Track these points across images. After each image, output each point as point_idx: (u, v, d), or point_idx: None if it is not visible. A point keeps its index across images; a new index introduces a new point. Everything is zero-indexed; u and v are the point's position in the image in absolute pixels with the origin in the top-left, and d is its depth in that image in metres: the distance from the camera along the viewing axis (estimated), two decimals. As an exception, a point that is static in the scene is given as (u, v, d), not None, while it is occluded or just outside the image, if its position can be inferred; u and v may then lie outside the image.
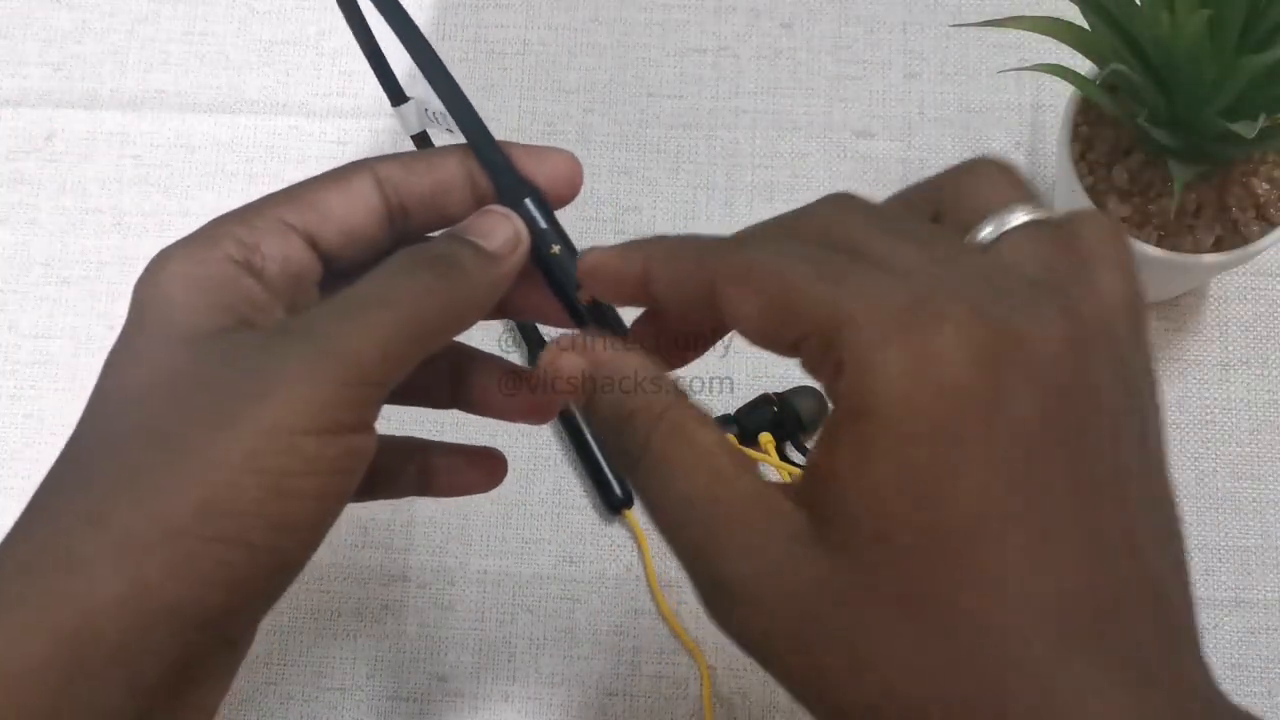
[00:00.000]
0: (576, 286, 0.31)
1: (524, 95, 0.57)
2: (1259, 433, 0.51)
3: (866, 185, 0.55)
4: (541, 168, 0.32)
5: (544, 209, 0.32)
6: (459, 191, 0.32)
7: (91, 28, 0.59)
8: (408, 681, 0.50)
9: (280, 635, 0.51)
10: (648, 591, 0.50)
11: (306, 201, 0.31)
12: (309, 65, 0.58)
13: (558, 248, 0.32)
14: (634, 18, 0.58)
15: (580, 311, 0.31)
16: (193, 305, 0.29)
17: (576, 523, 0.52)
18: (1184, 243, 0.45)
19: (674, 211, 0.55)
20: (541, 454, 0.52)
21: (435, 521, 0.52)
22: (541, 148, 0.33)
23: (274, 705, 0.50)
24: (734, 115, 0.56)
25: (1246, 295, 0.52)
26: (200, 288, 0.29)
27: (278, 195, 0.31)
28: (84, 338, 0.55)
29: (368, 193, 0.32)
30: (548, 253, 0.32)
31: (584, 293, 0.31)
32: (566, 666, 0.50)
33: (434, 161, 0.32)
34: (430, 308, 0.29)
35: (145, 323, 0.29)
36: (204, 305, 0.29)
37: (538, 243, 0.32)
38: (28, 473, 0.53)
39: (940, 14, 0.57)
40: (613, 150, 0.56)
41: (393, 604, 0.51)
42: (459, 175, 0.32)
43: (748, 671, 0.49)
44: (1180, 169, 0.42)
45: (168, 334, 0.29)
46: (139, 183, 0.57)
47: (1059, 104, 0.49)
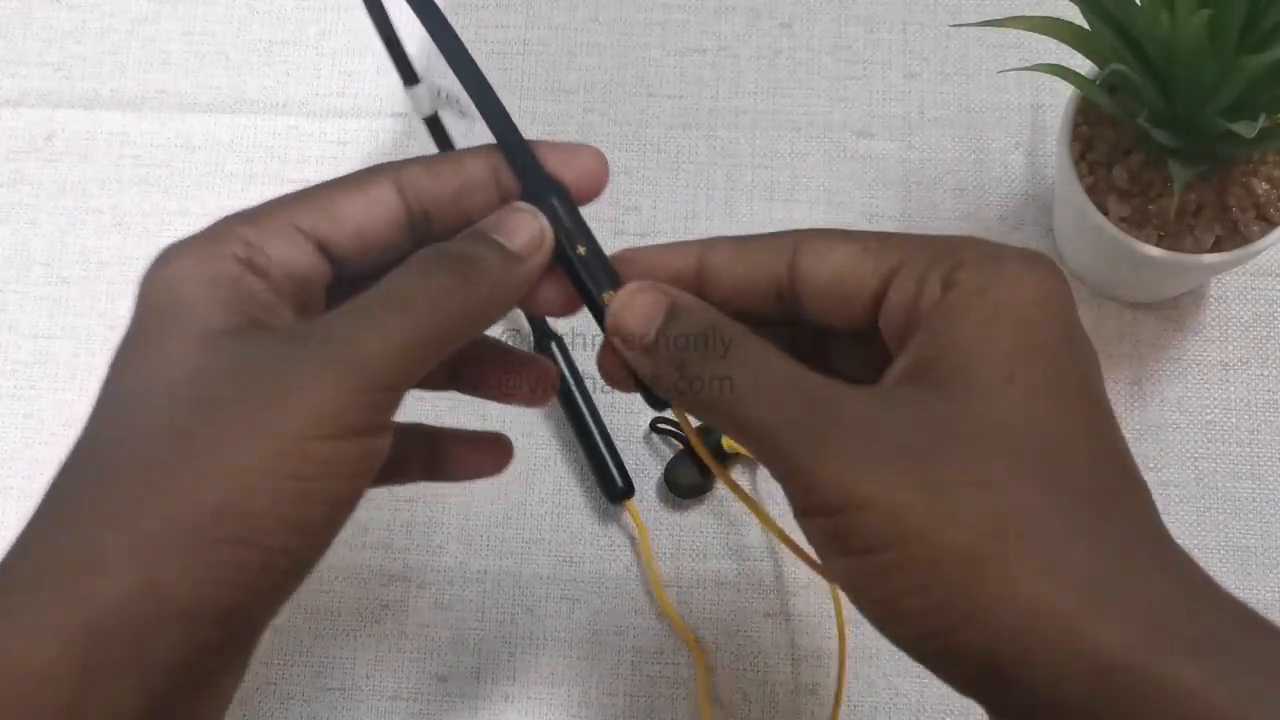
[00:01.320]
0: (603, 286, 0.31)
1: (524, 95, 0.57)
2: (1259, 433, 0.51)
3: (866, 185, 0.55)
4: (570, 165, 0.32)
5: (570, 207, 0.32)
6: (484, 193, 0.32)
7: (91, 28, 0.59)
8: (408, 681, 0.50)
9: (280, 635, 0.51)
10: (648, 592, 0.50)
11: (320, 205, 0.31)
12: (309, 65, 0.58)
13: (584, 248, 0.31)
14: (634, 18, 0.58)
15: (604, 310, 0.31)
16: (204, 303, 0.29)
17: (576, 523, 0.52)
18: (1184, 243, 0.45)
19: (674, 211, 0.55)
20: (541, 454, 0.52)
21: (435, 521, 0.52)
22: (569, 145, 0.32)
23: (274, 705, 0.50)
24: (734, 115, 0.56)
25: (1246, 295, 0.52)
26: (209, 285, 0.29)
27: (291, 197, 0.31)
28: (84, 338, 0.55)
29: (387, 199, 0.31)
30: (573, 252, 0.31)
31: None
32: (566, 666, 0.50)
33: (460, 163, 0.32)
34: (449, 310, 0.29)
35: (157, 320, 0.29)
36: (215, 303, 0.29)
37: (563, 241, 0.31)
38: (28, 473, 0.53)
39: (940, 14, 0.57)
40: (613, 150, 0.56)
41: (393, 604, 0.51)
42: (484, 176, 0.32)
43: (748, 672, 0.49)
44: (1180, 169, 0.42)
45: (182, 332, 0.29)
46: (139, 183, 0.57)
47: (1059, 104, 0.49)
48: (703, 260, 0.31)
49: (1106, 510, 0.27)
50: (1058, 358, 0.28)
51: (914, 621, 0.26)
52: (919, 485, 0.26)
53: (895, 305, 0.30)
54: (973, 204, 0.54)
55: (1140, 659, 0.25)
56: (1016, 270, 0.28)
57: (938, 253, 0.29)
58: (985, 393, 0.27)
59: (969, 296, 0.28)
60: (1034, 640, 0.25)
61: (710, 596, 0.50)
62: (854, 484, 0.26)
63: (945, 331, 0.28)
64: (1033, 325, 0.28)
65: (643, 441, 0.52)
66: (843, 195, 0.55)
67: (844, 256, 0.30)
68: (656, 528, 0.51)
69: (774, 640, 0.49)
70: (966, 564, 0.25)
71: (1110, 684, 0.25)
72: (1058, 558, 0.26)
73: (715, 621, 0.50)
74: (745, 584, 0.50)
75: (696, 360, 0.29)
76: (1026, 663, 0.25)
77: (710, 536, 0.51)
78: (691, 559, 0.51)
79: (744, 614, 0.50)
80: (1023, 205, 0.54)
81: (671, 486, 0.51)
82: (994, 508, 0.26)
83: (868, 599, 0.27)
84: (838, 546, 0.27)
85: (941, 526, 0.26)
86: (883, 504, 0.26)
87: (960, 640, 0.26)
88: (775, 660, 0.49)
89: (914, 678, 0.49)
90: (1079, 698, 0.25)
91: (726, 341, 0.29)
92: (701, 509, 0.51)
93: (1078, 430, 0.27)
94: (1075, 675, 0.25)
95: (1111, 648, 0.25)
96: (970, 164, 0.55)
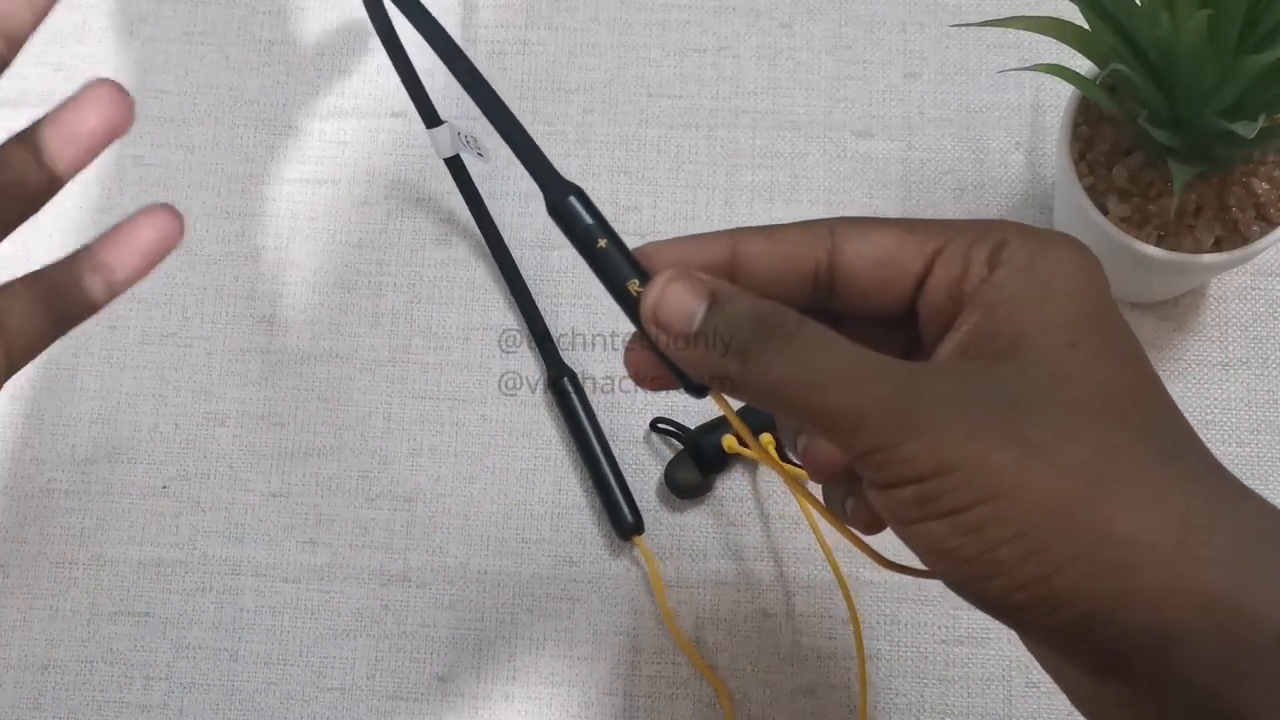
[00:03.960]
0: (628, 276, 0.31)
1: (524, 95, 0.57)
2: (1259, 433, 0.51)
3: (866, 185, 0.55)
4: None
5: (588, 204, 0.32)
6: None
7: (91, 28, 0.59)
8: (408, 681, 0.50)
9: (280, 635, 0.51)
10: (648, 592, 0.50)
11: None
12: (309, 65, 0.58)
13: (604, 241, 0.32)
14: (634, 18, 0.58)
15: (632, 302, 0.32)
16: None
17: (576, 523, 0.52)
18: (1184, 243, 0.45)
19: (674, 211, 0.55)
20: (542, 454, 0.52)
21: (435, 521, 0.52)
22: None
23: (274, 705, 0.50)
24: (734, 115, 0.56)
25: (1246, 295, 0.52)
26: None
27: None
28: (84, 337, 0.55)
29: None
30: (595, 246, 0.32)
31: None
32: (566, 666, 0.50)
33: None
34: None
35: None
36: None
37: (584, 236, 0.32)
38: (28, 473, 0.53)
39: (940, 14, 0.57)
40: (613, 150, 0.56)
41: (393, 604, 0.51)
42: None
43: (748, 672, 0.49)
44: (1180, 169, 0.42)
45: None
46: (139, 183, 0.57)
47: (1059, 104, 0.49)
48: (736, 250, 0.32)
49: (1181, 453, 0.28)
50: (1110, 325, 0.30)
51: (1012, 571, 0.27)
52: (1007, 443, 0.27)
53: (939, 284, 0.31)
54: (973, 204, 0.54)
55: (1238, 586, 0.26)
56: (1058, 248, 0.30)
57: (980, 233, 0.31)
58: (1053, 359, 0.28)
59: (1018, 273, 0.30)
60: (1135, 575, 0.26)
61: (710, 596, 0.50)
62: (946, 451, 0.27)
63: (1001, 306, 0.29)
64: (1083, 297, 0.30)
65: (643, 441, 0.52)
66: (842, 195, 0.55)
67: (887, 239, 0.31)
68: (656, 528, 0.51)
69: (774, 640, 0.49)
70: (1063, 508, 0.27)
71: (1212, 612, 0.26)
72: (1153, 494, 0.27)
73: (715, 621, 0.50)
74: (745, 584, 0.50)
75: (758, 348, 0.29)
76: (1127, 599, 0.26)
77: (710, 536, 0.51)
78: (691, 559, 0.51)
79: (744, 614, 0.50)
80: (1023, 205, 0.54)
81: (671, 486, 0.51)
82: (1083, 455, 0.27)
83: (959, 559, 0.27)
84: (929, 510, 0.27)
85: (1035, 475, 0.27)
86: (975, 463, 0.27)
87: (1060, 583, 0.27)
88: (775, 660, 0.49)
89: (913, 679, 0.49)
90: (1180, 628, 0.26)
91: (789, 328, 0.29)
92: (701, 509, 0.51)
93: (1140, 387, 0.29)
94: (1178, 606, 0.26)
95: (1213, 576, 0.26)
96: (970, 164, 0.55)
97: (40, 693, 0.51)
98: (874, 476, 0.28)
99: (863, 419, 0.28)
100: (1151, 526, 0.26)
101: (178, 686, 0.51)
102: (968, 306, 0.30)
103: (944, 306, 0.31)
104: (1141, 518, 0.26)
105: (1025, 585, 0.27)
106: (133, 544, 0.52)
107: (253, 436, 0.53)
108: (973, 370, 0.29)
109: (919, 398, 0.28)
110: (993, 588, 0.27)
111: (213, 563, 0.52)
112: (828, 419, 0.28)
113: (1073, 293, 0.30)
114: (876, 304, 0.32)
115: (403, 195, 0.55)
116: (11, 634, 0.52)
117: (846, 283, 0.32)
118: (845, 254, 0.32)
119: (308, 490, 0.53)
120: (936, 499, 0.27)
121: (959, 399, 0.28)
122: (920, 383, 0.28)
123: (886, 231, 0.32)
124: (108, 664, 0.51)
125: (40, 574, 0.52)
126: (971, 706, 0.49)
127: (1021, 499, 0.27)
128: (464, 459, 0.53)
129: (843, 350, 0.29)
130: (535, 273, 0.54)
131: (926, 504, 0.27)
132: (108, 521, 0.53)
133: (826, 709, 0.49)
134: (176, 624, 0.52)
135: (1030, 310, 0.29)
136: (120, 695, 0.51)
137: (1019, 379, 0.28)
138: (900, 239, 0.31)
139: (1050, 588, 0.27)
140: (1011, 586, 0.27)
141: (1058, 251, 0.30)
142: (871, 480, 0.29)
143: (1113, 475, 0.27)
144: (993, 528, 0.27)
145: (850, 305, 0.32)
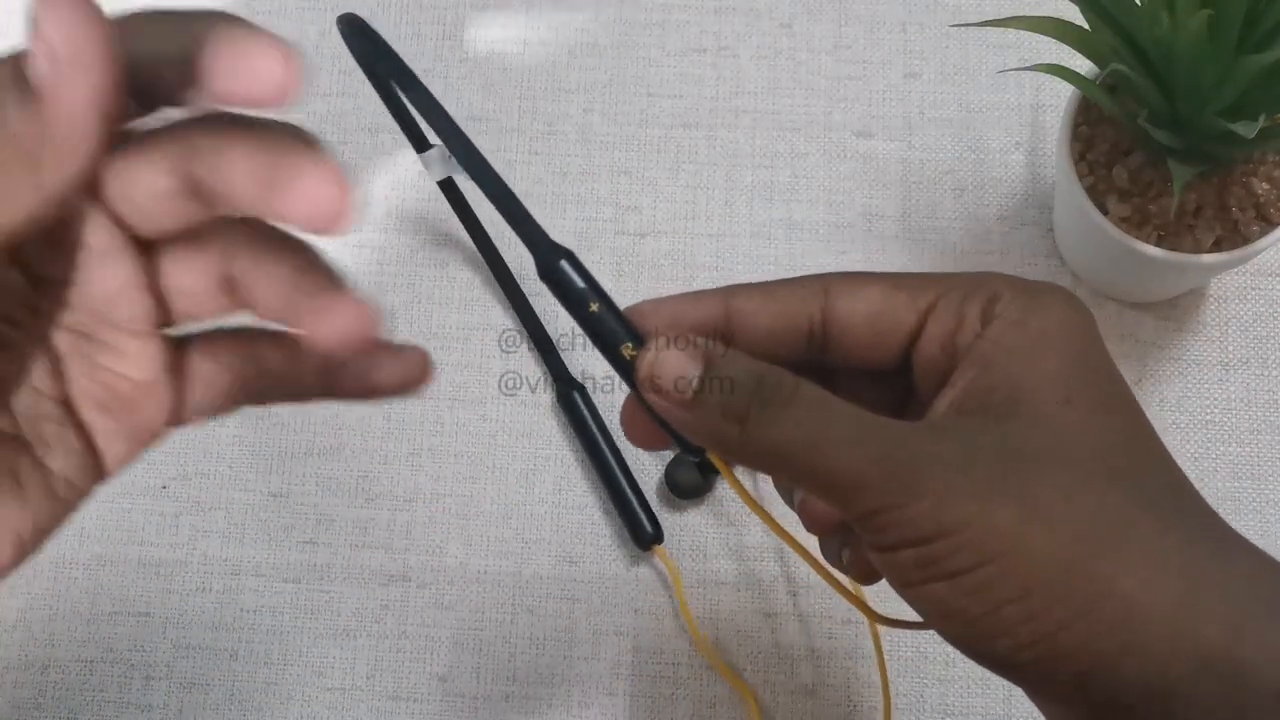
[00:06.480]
0: (620, 339, 0.31)
1: (524, 95, 0.57)
2: (1259, 433, 0.51)
3: (866, 185, 0.55)
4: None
5: (579, 268, 0.32)
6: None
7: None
8: (408, 681, 0.50)
9: (280, 635, 0.51)
10: (648, 592, 0.50)
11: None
12: (309, 65, 0.58)
13: (596, 305, 0.32)
14: (634, 18, 0.58)
15: (627, 365, 0.31)
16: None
17: (576, 523, 0.52)
18: (1184, 243, 0.45)
19: (674, 211, 0.55)
20: (542, 454, 0.52)
21: (435, 521, 0.52)
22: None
23: (274, 705, 0.50)
24: (734, 115, 0.56)
25: (1246, 295, 0.52)
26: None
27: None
28: (84, 338, 0.55)
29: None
30: (587, 310, 0.32)
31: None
32: (566, 666, 0.50)
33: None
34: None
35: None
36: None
37: (576, 301, 0.32)
38: (28, 473, 0.53)
39: (940, 14, 0.57)
40: (613, 150, 0.56)
41: (393, 604, 0.51)
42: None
43: (749, 672, 0.49)
44: (1180, 169, 0.42)
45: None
46: (139, 183, 0.57)
47: (1059, 104, 0.49)
48: (730, 307, 0.32)
49: (1178, 506, 0.29)
50: (1102, 378, 0.30)
51: (1017, 630, 0.27)
52: (1007, 503, 0.27)
53: (932, 339, 0.31)
54: (973, 204, 0.54)
55: (1238, 640, 0.26)
56: (1049, 302, 0.30)
57: (972, 287, 0.31)
58: (1048, 415, 0.29)
59: (1010, 328, 0.30)
60: (1139, 631, 0.26)
61: (710, 596, 0.50)
62: (947, 513, 0.27)
63: (995, 361, 0.30)
64: (1076, 351, 0.30)
65: (643, 441, 0.52)
66: (842, 195, 0.55)
67: (879, 294, 0.32)
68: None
69: (774, 640, 0.49)
70: (1064, 567, 0.27)
71: (1214, 667, 0.26)
72: (1153, 551, 0.27)
73: (715, 621, 0.50)
74: (745, 584, 0.50)
75: (756, 412, 0.29)
76: (1130, 655, 0.27)
77: (710, 536, 0.51)
78: (691, 559, 0.51)
79: (744, 614, 0.50)
80: (1023, 205, 0.54)
81: (671, 487, 0.51)
82: (1082, 513, 0.27)
83: (963, 619, 0.28)
84: (931, 572, 0.28)
85: (1036, 535, 0.27)
86: (976, 525, 0.27)
87: (1063, 642, 0.27)
88: (775, 660, 0.49)
89: (913, 679, 0.49)
90: (1182, 683, 0.26)
91: (786, 391, 0.29)
92: (701, 509, 0.51)
93: (1134, 440, 0.29)
94: (1179, 662, 0.26)
95: (1214, 631, 0.26)
96: (970, 164, 0.55)
97: (40, 693, 0.51)
98: (875, 539, 0.28)
99: (862, 481, 0.28)
100: (1153, 583, 0.27)
101: (178, 686, 0.51)
102: (962, 362, 0.30)
103: (938, 360, 0.31)
104: (1143, 575, 0.27)
105: (1030, 644, 0.27)
106: (133, 544, 0.52)
107: (253, 436, 0.53)
108: (970, 429, 0.29)
109: (918, 459, 0.28)
110: (998, 647, 0.27)
111: (212, 562, 0.52)
112: (827, 481, 0.28)
113: (1065, 347, 0.30)
114: (870, 359, 0.32)
115: (402, 195, 0.55)
116: (11, 634, 0.52)
117: (840, 339, 0.32)
118: (838, 310, 0.32)
119: (308, 490, 0.53)
120: (939, 561, 0.27)
121: (958, 460, 0.28)
122: (919, 443, 0.28)
123: (878, 287, 0.32)
124: (108, 664, 0.51)
125: (40, 574, 0.52)
126: (971, 706, 0.49)
127: (1024, 559, 0.27)
128: (464, 459, 0.53)
129: (841, 412, 0.29)
130: (535, 279, 0.54)
131: (929, 566, 0.27)
132: (108, 521, 0.53)
133: (826, 709, 0.49)
134: (176, 624, 0.52)
135: (1024, 365, 0.29)
136: (120, 695, 0.51)
137: (1016, 437, 0.28)
138: (892, 294, 0.31)
139: (1055, 646, 0.27)
140: (1016, 645, 0.27)
141: (1049, 305, 0.30)
142: (873, 543, 0.29)
143: (1113, 533, 0.27)
144: (996, 589, 0.27)
145: (844, 360, 0.32)
